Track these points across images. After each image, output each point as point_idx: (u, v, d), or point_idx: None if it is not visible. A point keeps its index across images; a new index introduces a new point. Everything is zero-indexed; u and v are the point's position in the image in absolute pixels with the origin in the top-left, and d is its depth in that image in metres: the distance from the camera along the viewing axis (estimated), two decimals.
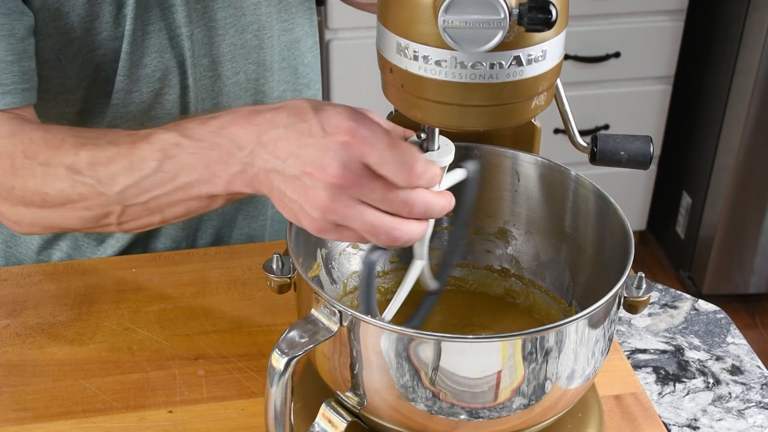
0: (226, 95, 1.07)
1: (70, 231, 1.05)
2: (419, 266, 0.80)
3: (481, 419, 0.73)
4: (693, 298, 1.05)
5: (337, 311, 0.71)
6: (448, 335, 0.71)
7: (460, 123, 0.67)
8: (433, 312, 0.87)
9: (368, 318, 0.70)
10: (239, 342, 0.96)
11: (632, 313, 0.77)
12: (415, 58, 0.64)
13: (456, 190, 0.77)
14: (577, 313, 0.70)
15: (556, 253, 0.89)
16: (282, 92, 1.13)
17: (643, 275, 0.77)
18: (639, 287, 0.77)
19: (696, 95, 2.44)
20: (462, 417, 0.72)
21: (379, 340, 0.70)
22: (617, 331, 1.00)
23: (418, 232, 0.71)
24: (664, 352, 0.98)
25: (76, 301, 1.01)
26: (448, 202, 0.72)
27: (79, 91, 0.98)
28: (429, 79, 0.64)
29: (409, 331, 0.69)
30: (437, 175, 0.71)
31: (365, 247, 0.91)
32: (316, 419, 0.78)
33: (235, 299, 1.02)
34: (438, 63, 0.63)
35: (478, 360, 0.70)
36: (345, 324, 0.71)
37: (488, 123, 0.67)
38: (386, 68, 0.67)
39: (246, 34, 1.04)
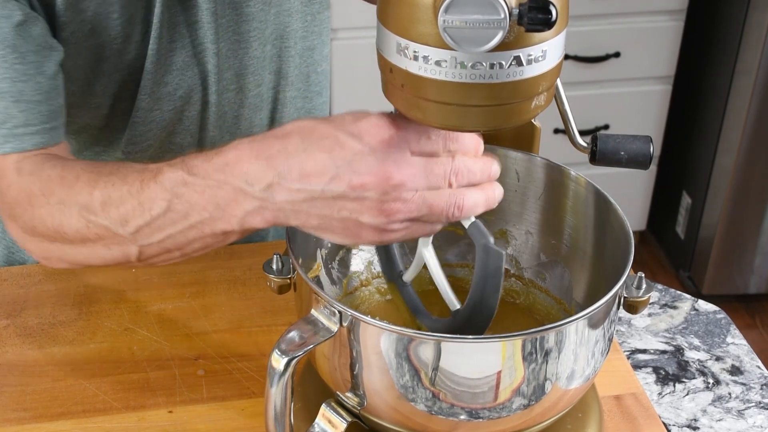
0: (247, 107, 1.06)
1: (96, 266, 1.05)
2: (430, 252, 0.80)
3: (481, 419, 0.73)
4: (693, 298, 1.05)
5: (336, 311, 0.71)
6: (448, 335, 0.71)
7: (460, 123, 0.67)
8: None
9: (368, 318, 0.70)
10: (239, 342, 0.96)
11: (632, 313, 0.77)
12: (415, 58, 0.64)
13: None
14: (577, 313, 0.70)
15: (556, 253, 0.89)
16: (293, 99, 1.12)
17: (643, 275, 0.77)
18: (639, 287, 0.77)
19: (696, 95, 2.44)
20: (462, 417, 0.72)
21: (379, 340, 0.70)
22: (617, 331, 1.00)
23: (474, 199, 0.71)
24: (664, 352, 0.98)
25: (76, 301, 1.01)
26: (487, 164, 0.71)
27: (103, 109, 0.98)
28: (429, 79, 0.64)
29: (409, 332, 0.69)
30: (477, 141, 0.71)
31: (366, 247, 0.91)
32: (316, 419, 0.78)
33: (235, 299, 1.02)
34: (438, 63, 0.63)
35: (478, 360, 0.70)
36: (345, 324, 0.71)
37: (488, 123, 0.67)
38: (386, 68, 0.67)
39: (267, 45, 1.04)
